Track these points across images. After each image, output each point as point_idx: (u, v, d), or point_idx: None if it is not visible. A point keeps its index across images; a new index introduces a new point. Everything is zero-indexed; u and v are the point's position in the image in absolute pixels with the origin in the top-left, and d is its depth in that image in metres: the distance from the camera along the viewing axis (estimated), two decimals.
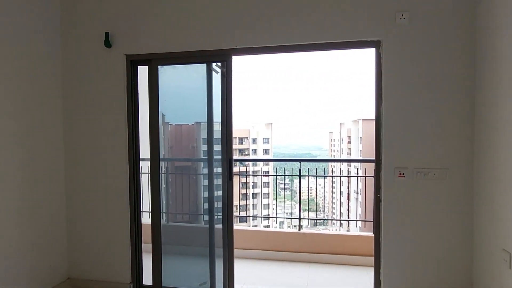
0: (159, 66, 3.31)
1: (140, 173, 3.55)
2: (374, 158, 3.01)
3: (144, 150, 3.56)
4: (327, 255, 4.30)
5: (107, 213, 3.48)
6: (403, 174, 2.85)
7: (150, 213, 3.42)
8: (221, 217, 3.33)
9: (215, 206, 3.35)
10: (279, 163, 4.63)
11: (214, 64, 3.28)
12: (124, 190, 3.42)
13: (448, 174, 2.80)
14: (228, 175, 3.19)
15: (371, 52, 2.98)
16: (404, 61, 2.83)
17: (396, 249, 2.91)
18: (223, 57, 3.18)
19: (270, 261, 4.39)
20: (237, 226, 4.62)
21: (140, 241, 3.53)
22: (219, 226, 3.37)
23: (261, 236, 4.53)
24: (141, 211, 3.56)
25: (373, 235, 3.11)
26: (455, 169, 2.79)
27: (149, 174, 3.41)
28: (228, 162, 3.18)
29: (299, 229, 4.47)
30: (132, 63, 3.39)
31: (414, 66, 2.81)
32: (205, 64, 3.30)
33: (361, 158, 24.70)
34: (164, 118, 3.67)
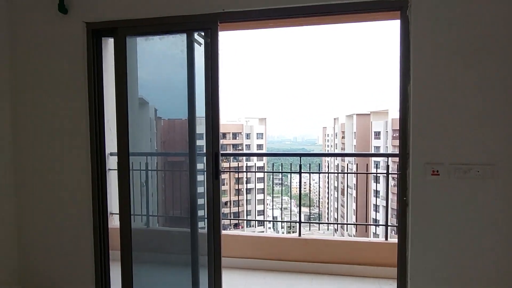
0: (127, 37, 2.64)
1: (106, 170, 2.90)
2: (398, 152, 2.39)
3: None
4: (333, 265, 3.68)
5: (65, 218, 2.83)
6: (437, 171, 2.22)
7: (119, 216, 2.78)
8: (209, 220, 2.71)
9: (203, 208, 2.73)
10: (273, 158, 3.96)
11: (196, 34, 2.62)
12: (85, 190, 2.77)
13: (495, 171, 2.18)
14: (214, 173, 2.54)
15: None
16: (440, 25, 2.19)
17: (427, 263, 2.30)
18: (207, 25, 2.52)
19: (266, 271, 3.77)
20: (226, 232, 3.99)
21: (107, 249, 2.91)
22: (204, 230, 2.76)
23: (255, 242, 3.90)
24: (108, 214, 2.93)
25: (396, 243, 2.50)
26: (504, 165, 2.17)
27: (117, 171, 2.76)
28: (214, 157, 2.53)
29: (299, 235, 3.85)
30: (94, 33, 2.72)
31: (453, 32, 2.18)
32: (184, 35, 2.65)
33: (386, 152, 23.93)
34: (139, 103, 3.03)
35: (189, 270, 2.84)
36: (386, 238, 3.68)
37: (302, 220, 4.08)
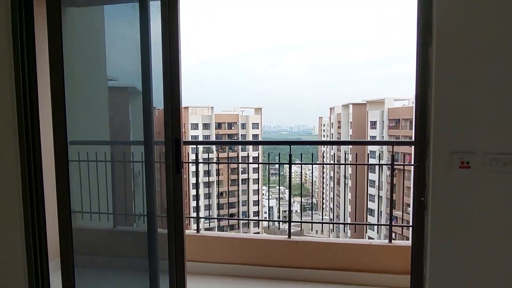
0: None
1: (41, 161, 2.31)
2: (412, 140, 1.83)
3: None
4: (328, 272, 3.15)
5: None
6: (467, 163, 1.66)
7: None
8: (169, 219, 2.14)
9: (162, 205, 2.18)
10: (269, 148, 3.37)
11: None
12: (12, 186, 2.20)
13: None
14: (175, 165, 1.97)
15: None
16: None
17: (451, 276, 1.76)
18: None
19: (248, 279, 3.23)
20: (204, 233, 3.44)
21: (44, 252, 2.35)
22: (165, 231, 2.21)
23: (237, 245, 3.35)
24: (43, 212, 2.36)
25: (410, 247, 1.96)
26: None
27: (55, 161, 2.18)
28: (174, 145, 1.95)
29: (289, 236, 3.30)
30: None
31: None
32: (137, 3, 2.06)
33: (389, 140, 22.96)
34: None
35: (147, 276, 2.30)
36: (390, 240, 3.14)
37: (297, 210, 3.53)
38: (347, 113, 46.55)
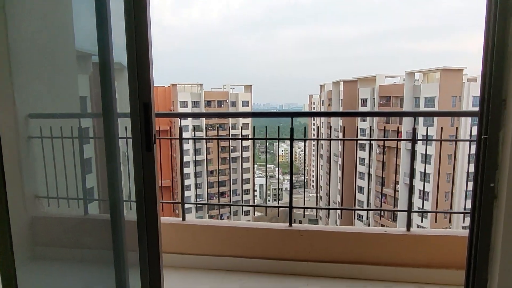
0: None
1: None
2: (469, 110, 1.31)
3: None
4: (336, 265, 2.70)
5: None
6: None
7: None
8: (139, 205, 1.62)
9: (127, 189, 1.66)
10: (259, 126, 2.81)
11: None
12: None
13: None
14: (145, 140, 1.42)
15: None
16: None
17: None
18: None
19: (244, 274, 2.76)
20: (191, 220, 2.93)
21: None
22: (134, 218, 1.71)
23: (229, 234, 2.86)
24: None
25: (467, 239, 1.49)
26: None
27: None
28: (142, 112, 1.40)
29: (290, 224, 2.82)
30: None
31: None
32: None
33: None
34: None
35: (111, 270, 1.81)
36: (408, 228, 2.68)
37: (286, 188, 3.05)
38: (337, 90, 46.00)
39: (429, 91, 32.26)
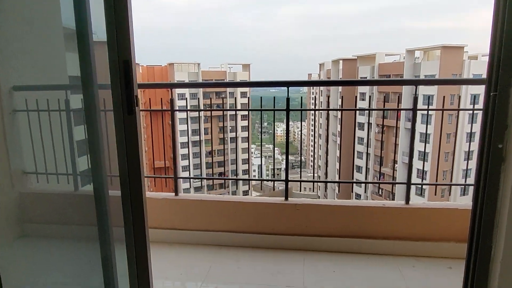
0: None
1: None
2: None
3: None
4: (334, 239, 2.64)
5: None
6: None
7: None
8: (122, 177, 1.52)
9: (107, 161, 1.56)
10: (257, 106, 2.70)
11: None
12: None
13: None
14: (126, 102, 1.31)
15: None
16: None
17: None
18: None
19: (240, 249, 2.71)
20: (184, 195, 2.85)
21: None
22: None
23: (223, 209, 2.79)
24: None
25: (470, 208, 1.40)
26: None
27: None
28: (123, 71, 1.28)
29: (286, 198, 2.74)
30: None
31: None
32: None
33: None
34: None
35: (96, 247, 1.74)
36: (407, 201, 2.61)
37: (282, 166, 2.97)
38: (337, 69, 45.51)
39: (429, 69, 31.93)
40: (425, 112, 2.81)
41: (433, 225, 2.55)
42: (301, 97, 2.86)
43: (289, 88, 2.58)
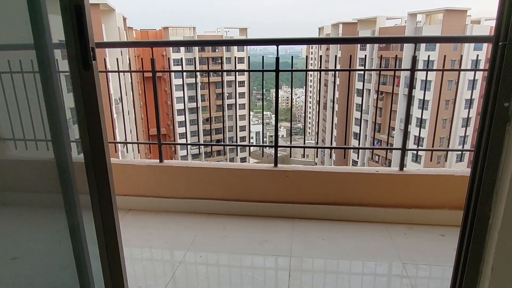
0: None
1: None
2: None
3: None
4: (324, 207, 2.55)
5: None
6: None
7: None
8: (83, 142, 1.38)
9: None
10: (255, 73, 2.49)
11: None
12: None
13: None
14: (81, 56, 1.14)
15: None
16: None
17: None
18: None
19: (227, 217, 2.62)
20: (169, 162, 2.72)
21: None
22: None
23: (210, 176, 2.67)
24: None
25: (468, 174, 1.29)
26: None
27: None
28: (75, 19, 1.10)
29: (275, 164, 2.62)
30: None
31: None
32: None
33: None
34: None
35: (61, 215, 1.63)
36: (401, 168, 2.50)
37: (283, 135, 2.82)
38: (336, 33, 44.45)
39: (431, 33, 31.12)
40: (424, 78, 2.64)
41: (428, 192, 2.46)
42: (292, 56, 2.65)
43: (288, 51, 2.38)
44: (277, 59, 2.40)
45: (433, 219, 2.44)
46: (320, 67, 44.67)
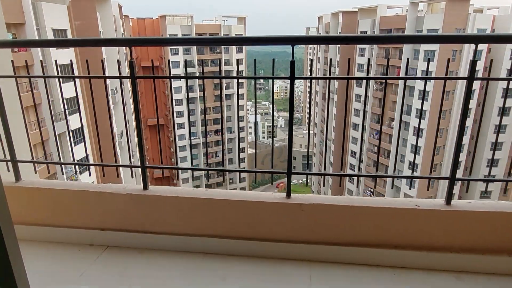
0: None
1: None
2: None
3: None
4: (349, 249, 2.03)
5: None
6: None
7: None
8: None
9: None
10: (252, 58, 1.91)
11: None
12: None
13: None
14: None
15: None
16: None
17: None
18: None
19: (227, 258, 2.10)
20: (154, 189, 2.18)
21: None
22: None
23: (206, 208, 2.13)
24: None
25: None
26: None
27: None
28: None
29: (288, 195, 2.09)
30: None
31: None
32: None
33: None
34: None
35: None
36: (449, 201, 1.97)
37: (282, 125, 2.28)
38: (336, 22, 43.55)
39: (433, 23, 30.39)
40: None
41: (482, 232, 1.94)
42: (299, 66, 2.13)
43: (287, 45, 1.84)
44: (293, 62, 1.85)
45: (488, 267, 1.93)
46: (323, 59, 43.90)
